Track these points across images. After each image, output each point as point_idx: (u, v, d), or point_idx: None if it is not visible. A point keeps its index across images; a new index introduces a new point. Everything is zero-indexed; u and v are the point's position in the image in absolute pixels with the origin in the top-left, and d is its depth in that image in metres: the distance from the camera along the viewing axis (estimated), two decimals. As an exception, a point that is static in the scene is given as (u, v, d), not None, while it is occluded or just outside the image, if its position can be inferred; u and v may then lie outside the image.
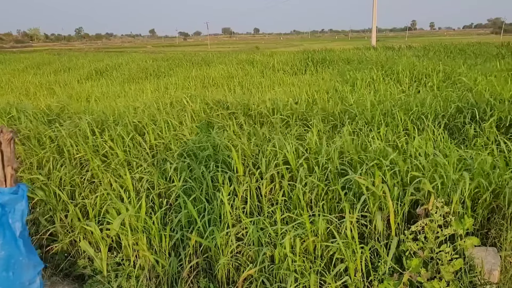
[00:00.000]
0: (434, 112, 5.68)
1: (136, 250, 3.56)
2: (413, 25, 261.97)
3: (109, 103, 7.91)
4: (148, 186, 4.29)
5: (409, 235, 3.14)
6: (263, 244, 3.33)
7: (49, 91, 11.79)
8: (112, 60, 22.71)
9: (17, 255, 1.29)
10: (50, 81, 14.32)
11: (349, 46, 33.73)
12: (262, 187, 3.96)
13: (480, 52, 17.34)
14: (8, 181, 1.27)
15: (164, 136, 5.57)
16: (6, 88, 12.96)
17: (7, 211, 1.28)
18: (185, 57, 23.94)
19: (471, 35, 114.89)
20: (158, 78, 14.49)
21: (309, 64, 16.51)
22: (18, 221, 1.32)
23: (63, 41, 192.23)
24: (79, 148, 5.14)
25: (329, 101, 7.13)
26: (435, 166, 3.86)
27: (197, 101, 7.01)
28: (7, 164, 1.25)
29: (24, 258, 1.31)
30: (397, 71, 10.44)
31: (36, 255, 1.41)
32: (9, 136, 1.23)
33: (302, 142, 4.74)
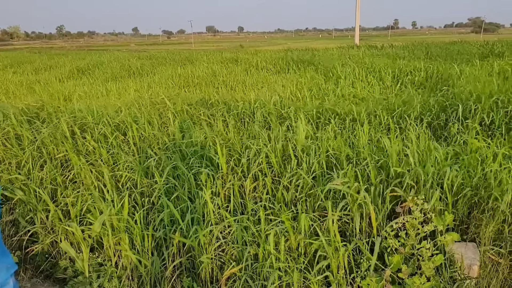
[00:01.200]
0: (416, 111, 5.75)
1: (118, 250, 3.53)
2: (396, 24, 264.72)
3: (91, 102, 7.81)
4: (131, 185, 4.25)
5: (390, 232, 3.17)
6: (247, 243, 3.32)
7: (30, 90, 11.59)
8: (94, 59, 22.42)
9: None
10: (30, 80, 14.07)
11: (333, 45, 33.96)
12: (246, 185, 3.95)
13: (463, 51, 17.56)
14: None
15: (146, 135, 5.52)
16: (-15, 87, 12.70)
17: None
18: (169, 55, 23.76)
19: (452, 34, 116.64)
20: (142, 76, 14.36)
21: (291, 63, 16.55)
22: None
23: (44, 39, 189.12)
24: (59, 148, 5.06)
25: (312, 99, 7.16)
26: (419, 162, 3.91)
27: (178, 101, 6.97)
28: None
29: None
30: (379, 69, 10.54)
31: (9, 257, 1.38)
32: None
33: (286, 137, 4.75)
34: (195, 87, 11.50)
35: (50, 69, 18.71)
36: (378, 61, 13.09)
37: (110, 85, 11.59)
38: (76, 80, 14.22)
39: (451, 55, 16.46)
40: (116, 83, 12.09)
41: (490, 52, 16.60)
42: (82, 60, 22.26)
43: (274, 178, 4.12)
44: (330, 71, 11.65)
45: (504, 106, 5.63)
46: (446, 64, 11.69)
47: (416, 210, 3.13)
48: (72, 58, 24.58)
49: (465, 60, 13.30)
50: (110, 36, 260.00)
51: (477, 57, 13.88)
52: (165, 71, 15.16)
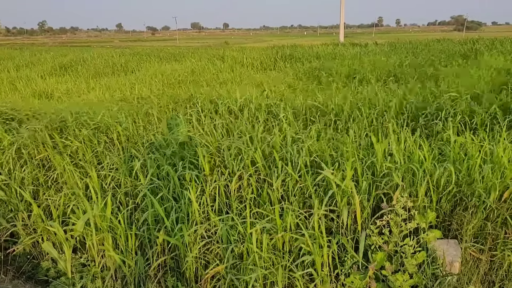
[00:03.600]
0: (397, 110, 5.81)
1: (101, 251, 3.49)
2: (380, 22, 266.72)
3: (73, 101, 7.71)
4: (115, 185, 4.21)
5: (374, 229, 3.20)
6: (232, 242, 3.32)
7: (11, 87, 11.37)
8: (77, 55, 22.11)
9: None
10: (11, 77, 13.80)
11: (318, 42, 34.02)
12: (231, 185, 3.94)
13: (445, 50, 17.76)
14: None
15: (130, 134, 5.47)
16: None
17: None
18: (154, 52, 23.57)
19: (435, 32, 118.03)
20: (126, 73, 14.21)
21: (278, 60, 16.57)
22: None
23: (25, 35, 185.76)
24: (40, 149, 4.98)
25: (297, 98, 7.17)
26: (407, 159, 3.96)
27: (164, 98, 6.92)
28: None
29: None
30: (364, 67, 10.62)
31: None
32: None
33: (269, 138, 4.75)
34: (180, 84, 11.42)
35: (32, 65, 18.39)
36: (362, 59, 13.18)
37: (94, 82, 11.44)
38: (59, 77, 13.99)
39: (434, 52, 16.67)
40: (100, 80, 11.95)
41: (472, 50, 16.83)
42: (64, 56, 21.93)
43: (260, 177, 4.12)
44: (314, 70, 11.70)
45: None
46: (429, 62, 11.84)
47: (399, 208, 3.16)
48: (54, 54, 24.20)
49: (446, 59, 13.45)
50: (93, 32, 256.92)
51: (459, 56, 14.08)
52: (150, 68, 15.03)
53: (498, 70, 9.05)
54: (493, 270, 3.23)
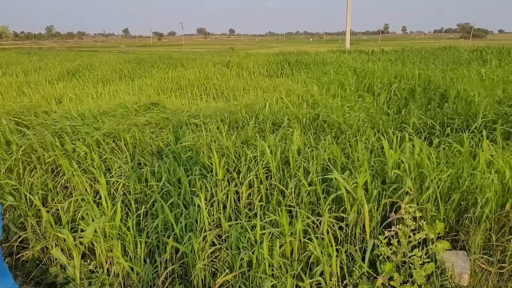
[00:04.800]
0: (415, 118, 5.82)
1: (110, 257, 3.51)
2: (386, 29, 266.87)
3: (82, 106, 7.76)
4: (125, 191, 4.23)
5: (383, 240, 3.20)
6: (241, 249, 3.33)
7: (19, 92, 11.47)
8: (84, 60, 22.27)
9: None
10: (19, 81, 13.91)
11: (324, 48, 34.10)
12: (241, 193, 3.96)
13: (453, 58, 17.72)
14: None
15: (138, 141, 5.50)
16: (-28, 88, 12.53)
17: None
18: (160, 58, 23.69)
19: (441, 39, 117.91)
20: (133, 79, 14.29)
21: (284, 66, 16.60)
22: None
23: (33, 40, 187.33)
24: (49, 153, 5.01)
25: (302, 106, 7.19)
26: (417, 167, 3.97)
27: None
28: None
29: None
30: (371, 76, 10.62)
31: (10, 277, 1.37)
32: None
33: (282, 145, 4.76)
34: (187, 90, 11.48)
35: (40, 70, 18.53)
36: (369, 67, 13.19)
37: (101, 87, 11.51)
38: (67, 82, 14.09)
39: (440, 59, 16.64)
40: (107, 86, 12.02)
41: (480, 58, 16.80)
42: (72, 61, 22.09)
43: (271, 185, 4.13)
44: (322, 77, 11.71)
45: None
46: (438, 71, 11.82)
47: (408, 218, 3.16)
48: (61, 59, 24.38)
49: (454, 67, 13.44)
50: (100, 37, 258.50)
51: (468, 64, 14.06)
52: (156, 74, 15.11)
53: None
54: (503, 282, 3.21)
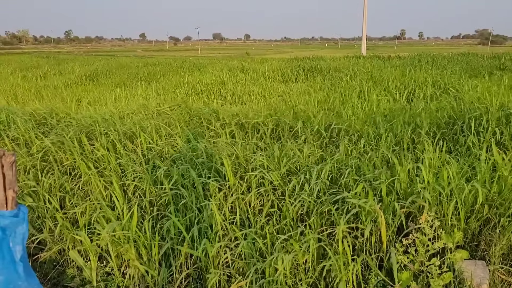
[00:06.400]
0: (428, 124, 5.74)
1: (126, 260, 3.53)
2: (402, 34, 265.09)
3: (100, 109, 7.86)
4: (140, 194, 4.26)
5: (400, 248, 3.16)
6: (254, 256, 3.32)
7: (38, 96, 11.67)
8: (102, 64, 22.58)
9: (15, 279, 1.26)
10: (39, 85, 14.17)
11: (339, 54, 34.03)
12: (251, 201, 3.96)
13: (471, 65, 17.48)
14: (9, 204, 1.25)
15: (155, 144, 5.54)
16: (-6, 91, 12.81)
17: (7, 235, 1.26)
18: (176, 62, 23.89)
19: (459, 45, 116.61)
20: (150, 83, 14.43)
21: (300, 72, 16.58)
22: (19, 245, 1.30)
23: (52, 44, 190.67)
24: (67, 156, 5.08)
25: (320, 112, 7.16)
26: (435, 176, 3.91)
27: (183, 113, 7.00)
28: (8, 187, 1.24)
29: (24, 283, 1.29)
30: (388, 80, 10.55)
31: (36, 278, 1.39)
32: (11, 159, 1.22)
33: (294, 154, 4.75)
34: (202, 94, 11.54)
35: (58, 74, 18.85)
36: (386, 72, 13.11)
37: (119, 91, 11.65)
38: (85, 85, 14.30)
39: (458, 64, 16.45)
40: (125, 90, 12.16)
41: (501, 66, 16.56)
42: (90, 65, 22.42)
43: (279, 197, 4.11)
44: (337, 82, 11.68)
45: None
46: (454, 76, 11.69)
47: (426, 227, 3.12)
48: (80, 63, 24.76)
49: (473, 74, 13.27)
50: (117, 42, 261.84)
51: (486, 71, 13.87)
52: (172, 78, 15.24)
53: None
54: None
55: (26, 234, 1.31)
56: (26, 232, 1.30)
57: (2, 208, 1.25)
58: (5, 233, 1.25)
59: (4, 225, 1.25)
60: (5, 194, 1.23)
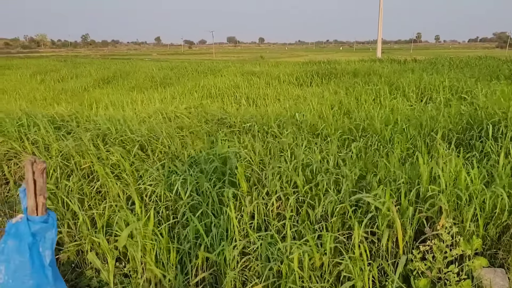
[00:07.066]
0: (443, 129, 5.68)
1: (143, 263, 3.56)
2: (418, 38, 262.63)
3: (116, 113, 7.96)
4: (156, 198, 4.30)
5: (417, 254, 3.14)
6: (270, 260, 3.32)
7: (56, 99, 11.86)
8: (118, 68, 22.85)
9: (45, 284, 1.30)
10: (57, 88, 14.41)
11: (354, 57, 33.89)
12: (269, 205, 3.97)
13: (489, 68, 17.21)
14: (40, 210, 1.29)
15: (167, 149, 5.59)
16: (14, 94, 13.03)
17: (37, 240, 1.30)
18: (191, 66, 24.05)
19: (476, 49, 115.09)
20: (165, 87, 14.54)
21: (314, 75, 16.55)
22: (48, 249, 1.34)
23: (69, 47, 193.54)
24: (86, 160, 5.16)
25: (335, 115, 7.15)
26: (453, 181, 3.87)
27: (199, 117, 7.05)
28: (39, 193, 1.28)
29: (52, 287, 1.32)
30: (403, 85, 10.48)
31: (63, 283, 1.42)
32: (42, 166, 1.26)
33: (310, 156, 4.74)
34: (217, 98, 11.60)
35: (76, 77, 19.12)
36: (402, 75, 13.02)
37: (136, 95, 11.78)
38: (102, 89, 14.48)
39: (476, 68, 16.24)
40: (141, 93, 12.30)
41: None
42: (107, 69, 22.70)
43: (300, 198, 4.11)
44: (353, 86, 11.64)
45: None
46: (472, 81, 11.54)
47: (444, 233, 3.09)
48: (97, 67, 25.09)
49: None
50: (133, 45, 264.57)
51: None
52: (187, 82, 15.34)
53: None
54: (544, 302, 3.09)
55: (55, 239, 1.35)
56: (55, 238, 1.34)
57: (33, 214, 1.29)
58: (35, 238, 1.29)
59: (34, 230, 1.29)
60: (35, 200, 1.27)
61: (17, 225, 1.29)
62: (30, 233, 1.28)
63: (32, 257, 1.29)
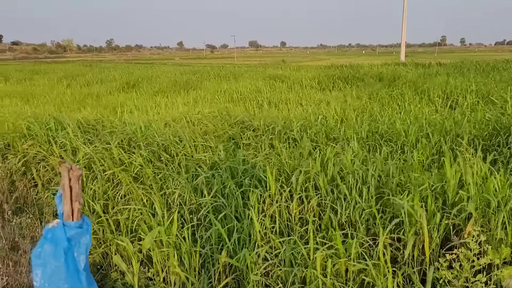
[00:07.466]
0: (469, 134, 5.57)
1: (166, 266, 3.60)
2: (443, 41, 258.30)
3: (141, 117, 8.09)
4: (180, 202, 4.35)
5: (443, 263, 3.08)
6: (294, 265, 3.31)
7: (82, 103, 12.13)
8: (142, 73, 23.21)
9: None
10: (83, 93, 14.73)
11: (377, 61, 33.53)
12: (291, 208, 3.96)
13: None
14: (75, 215, 1.33)
15: (190, 153, 5.64)
16: (42, 99, 13.39)
17: (72, 245, 1.34)
18: (213, 70, 24.24)
19: (503, 52, 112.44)
20: (187, 91, 14.69)
21: (337, 80, 16.45)
22: (83, 254, 1.38)
23: (94, 52, 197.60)
24: (109, 165, 5.25)
25: (358, 120, 7.10)
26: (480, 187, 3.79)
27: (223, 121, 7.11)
28: (75, 199, 1.32)
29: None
30: (429, 89, 10.32)
31: (96, 287, 1.46)
32: (78, 173, 1.30)
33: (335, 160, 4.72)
34: (239, 102, 11.66)
35: (101, 82, 19.51)
36: (427, 80, 12.82)
37: (159, 99, 11.94)
38: (126, 93, 14.73)
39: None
40: (164, 98, 12.45)
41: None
42: (131, 74, 23.07)
43: (321, 201, 4.09)
44: (376, 90, 11.53)
45: None
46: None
47: (471, 242, 3.02)
48: (121, 71, 25.53)
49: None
50: (156, 50, 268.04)
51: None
52: (210, 86, 15.46)
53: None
54: None
55: (89, 245, 1.39)
56: (89, 243, 1.38)
57: (68, 219, 1.33)
58: (71, 243, 1.33)
59: (70, 235, 1.33)
60: (71, 206, 1.31)
61: (53, 230, 1.34)
62: (65, 238, 1.32)
63: (67, 261, 1.32)
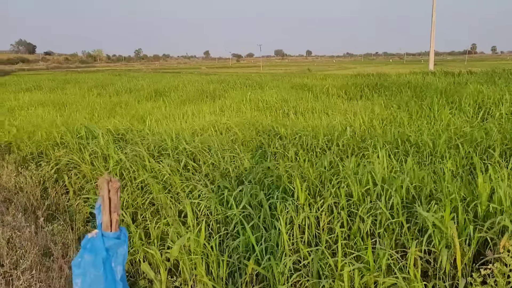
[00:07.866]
0: (501, 145, 5.42)
1: (194, 275, 3.62)
2: (473, 49, 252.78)
3: (169, 126, 8.21)
4: (207, 212, 4.37)
5: (477, 278, 2.99)
6: (321, 276, 3.28)
7: (112, 112, 12.39)
8: (169, 82, 23.57)
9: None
10: (112, 101, 15.05)
11: (405, 70, 33.10)
12: (321, 218, 3.93)
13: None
14: (113, 226, 1.37)
15: (217, 163, 5.67)
16: (73, 107, 13.76)
17: (110, 255, 1.38)
18: (239, 79, 24.40)
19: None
20: (214, 100, 14.83)
21: (364, 88, 16.28)
22: (120, 265, 1.42)
23: (123, 62, 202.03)
24: (139, 173, 5.33)
25: (386, 130, 7.00)
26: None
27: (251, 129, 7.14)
28: (113, 210, 1.36)
29: None
30: (460, 98, 10.11)
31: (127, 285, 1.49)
32: (117, 185, 1.35)
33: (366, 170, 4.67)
34: (265, 111, 11.68)
35: (129, 91, 19.89)
36: (457, 89, 12.55)
37: (186, 108, 12.10)
38: (154, 102, 14.98)
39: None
40: (191, 106, 12.60)
41: None
42: (158, 83, 23.46)
43: (351, 210, 4.05)
44: (405, 100, 11.37)
45: None
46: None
47: (507, 256, 2.93)
48: (149, 81, 26.00)
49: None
50: (182, 59, 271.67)
51: None
52: (235, 95, 15.56)
53: None
54: None
55: (126, 255, 1.42)
56: (126, 254, 1.41)
57: (107, 230, 1.37)
58: (108, 254, 1.37)
59: (108, 246, 1.37)
60: (110, 217, 1.35)
61: (92, 240, 1.38)
62: (104, 248, 1.36)
63: (105, 271, 1.36)
